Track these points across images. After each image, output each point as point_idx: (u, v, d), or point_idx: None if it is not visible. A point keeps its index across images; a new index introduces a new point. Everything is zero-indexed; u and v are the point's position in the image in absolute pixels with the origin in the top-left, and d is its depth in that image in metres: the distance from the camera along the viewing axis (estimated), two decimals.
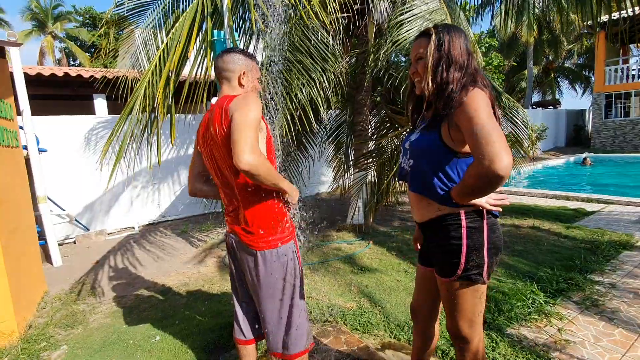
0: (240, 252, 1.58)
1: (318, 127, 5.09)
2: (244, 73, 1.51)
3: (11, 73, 3.49)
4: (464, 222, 1.30)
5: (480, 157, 1.07)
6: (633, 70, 14.97)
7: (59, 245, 4.46)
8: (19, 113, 3.78)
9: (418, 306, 1.67)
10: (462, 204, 1.29)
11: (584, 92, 23.18)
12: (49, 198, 4.55)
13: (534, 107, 21.33)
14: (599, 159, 12.72)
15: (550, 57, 21.80)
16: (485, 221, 1.31)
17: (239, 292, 1.71)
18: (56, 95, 7.48)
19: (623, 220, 4.75)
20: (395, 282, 3.18)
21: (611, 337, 2.23)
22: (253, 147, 1.27)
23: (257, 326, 1.72)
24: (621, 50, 15.22)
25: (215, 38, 1.84)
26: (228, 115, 1.37)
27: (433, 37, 1.27)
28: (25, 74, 3.87)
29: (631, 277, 3.03)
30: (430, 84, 1.27)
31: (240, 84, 1.52)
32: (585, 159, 11.90)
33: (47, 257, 4.25)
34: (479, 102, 1.16)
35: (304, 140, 4.89)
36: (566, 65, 23.31)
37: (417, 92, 1.40)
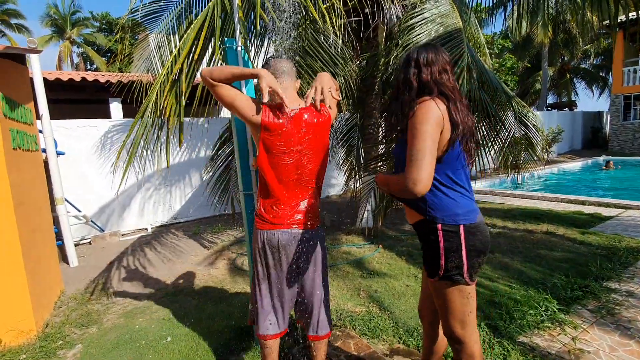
0: (297, 244, 1.67)
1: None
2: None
3: (31, 78, 3.61)
4: (439, 225, 1.39)
5: (407, 176, 1.26)
6: None
7: (75, 245, 4.57)
8: (38, 117, 3.90)
9: (422, 308, 1.75)
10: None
11: (601, 94, 22.64)
12: (65, 200, 4.67)
13: (549, 109, 20.94)
14: (619, 162, 12.27)
15: (565, 58, 21.35)
16: (461, 227, 1.37)
17: (281, 289, 1.74)
18: (73, 99, 7.69)
19: None
20: (404, 287, 3.16)
21: (627, 347, 2.17)
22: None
23: (284, 319, 1.80)
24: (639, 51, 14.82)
25: (228, 45, 1.87)
26: None
27: (404, 59, 1.49)
28: (45, 79, 3.99)
29: None
30: (401, 98, 1.45)
31: None
32: (608, 162, 11.43)
33: (64, 257, 4.36)
34: (423, 113, 1.29)
35: None
36: (582, 66, 22.80)
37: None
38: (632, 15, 3.17)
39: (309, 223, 1.69)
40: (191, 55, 2.58)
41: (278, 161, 1.59)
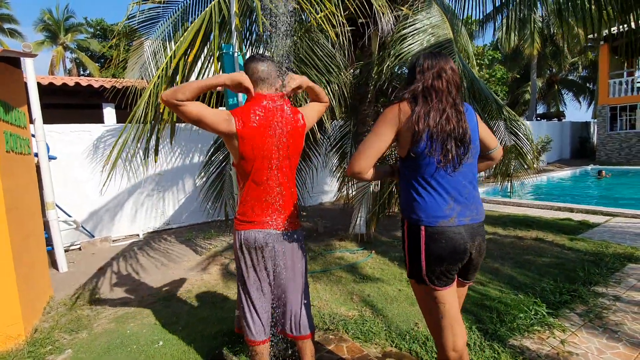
0: (275, 243, 1.69)
1: (322, 137, 5.15)
2: None
3: (25, 82, 3.60)
4: (405, 228, 1.48)
5: (350, 161, 1.48)
6: (638, 82, 14.98)
7: (65, 251, 4.51)
8: (31, 121, 3.88)
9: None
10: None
11: (589, 105, 23.19)
12: (56, 205, 4.62)
13: (539, 119, 21.34)
14: (609, 171, 12.44)
15: (554, 70, 21.90)
16: (422, 227, 1.39)
17: (264, 290, 1.75)
18: (66, 104, 7.65)
19: (628, 233, 4.72)
20: (397, 291, 3.19)
21: (614, 350, 2.21)
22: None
23: (272, 323, 1.81)
24: (626, 63, 15.25)
25: (224, 51, 1.91)
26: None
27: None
28: (38, 84, 3.98)
29: (636, 290, 3.01)
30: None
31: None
32: (600, 171, 11.60)
33: (53, 263, 4.30)
34: (382, 115, 1.45)
35: (308, 150, 4.95)
36: (570, 77, 23.38)
37: None
38: (614, 30, 3.29)
39: (286, 224, 1.72)
40: (186, 56, 2.61)
41: (254, 165, 1.62)
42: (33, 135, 3.92)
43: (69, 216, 5.29)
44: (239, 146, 1.58)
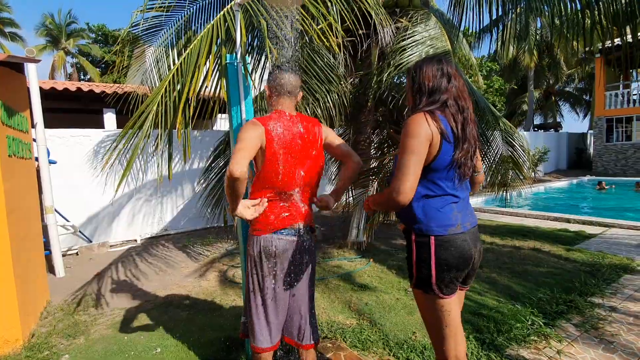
0: (292, 250, 1.70)
1: None
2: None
3: (27, 87, 3.64)
4: (413, 237, 1.45)
5: (391, 187, 1.35)
6: (634, 95, 15.17)
7: (62, 256, 4.50)
8: (32, 126, 3.90)
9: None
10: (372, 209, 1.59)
11: (585, 116, 23.45)
12: (55, 209, 4.62)
13: (536, 129, 21.51)
14: (610, 182, 12.43)
15: (551, 81, 22.17)
16: (432, 238, 1.40)
17: (277, 297, 1.73)
18: (67, 108, 7.69)
19: (624, 244, 4.75)
20: (395, 300, 3.20)
21: None
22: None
23: (279, 331, 1.79)
24: (622, 76, 15.47)
25: (228, 61, 1.95)
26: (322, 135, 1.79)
27: (410, 71, 1.52)
28: (40, 88, 4.01)
29: (631, 301, 3.03)
30: (412, 109, 1.49)
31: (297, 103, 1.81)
32: (600, 182, 11.60)
33: (50, 268, 4.29)
34: (409, 129, 1.35)
35: None
36: (567, 89, 23.66)
37: None
38: (608, 44, 3.36)
39: (303, 231, 1.73)
40: (198, 74, 2.64)
41: (278, 170, 1.64)
42: (34, 140, 3.94)
43: (67, 221, 5.29)
44: (266, 149, 1.61)
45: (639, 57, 3.27)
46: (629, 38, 3.26)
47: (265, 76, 3.95)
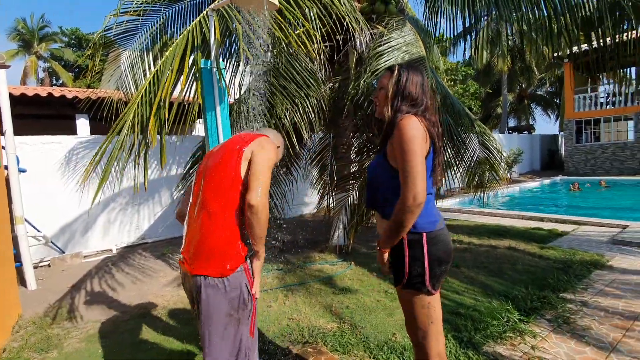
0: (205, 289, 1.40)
1: (302, 150, 5.20)
2: None
3: None
4: (405, 238, 1.44)
5: (404, 196, 1.33)
6: (601, 98, 15.90)
7: (34, 268, 4.31)
8: (1, 133, 3.75)
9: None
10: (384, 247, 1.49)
11: (557, 118, 24.39)
12: (25, 219, 4.43)
13: (510, 131, 22.24)
14: (585, 182, 12.76)
15: (523, 85, 23.00)
16: (424, 235, 1.42)
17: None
18: (39, 114, 7.40)
19: (595, 241, 4.95)
20: (375, 302, 3.22)
21: (582, 354, 2.31)
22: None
23: None
24: (589, 80, 16.18)
25: (203, 66, 1.94)
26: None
27: (395, 73, 1.50)
28: (10, 94, 3.86)
29: (602, 296, 3.15)
30: (389, 110, 1.49)
31: None
32: (574, 183, 11.84)
33: (21, 280, 4.10)
34: (407, 132, 1.35)
35: (288, 163, 4.98)
36: (539, 92, 24.59)
37: (377, 115, 1.60)
38: (576, 49, 3.53)
39: (209, 265, 1.40)
40: (170, 78, 2.60)
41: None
42: (3, 147, 3.78)
43: (38, 231, 5.08)
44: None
45: (605, 62, 3.44)
46: (595, 44, 3.44)
47: (244, 81, 3.95)
